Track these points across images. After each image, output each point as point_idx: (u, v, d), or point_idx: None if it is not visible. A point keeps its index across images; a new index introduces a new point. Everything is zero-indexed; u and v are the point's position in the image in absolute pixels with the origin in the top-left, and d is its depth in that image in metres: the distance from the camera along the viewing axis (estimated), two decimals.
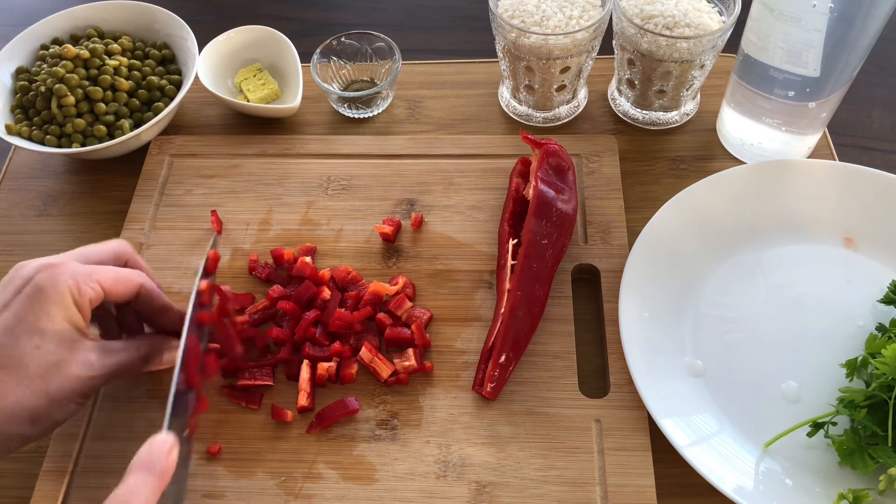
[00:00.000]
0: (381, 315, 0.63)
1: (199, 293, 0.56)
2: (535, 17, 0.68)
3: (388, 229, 0.68)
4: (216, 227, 0.70)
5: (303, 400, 0.59)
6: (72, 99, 0.72)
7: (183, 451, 0.48)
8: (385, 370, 0.60)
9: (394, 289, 0.64)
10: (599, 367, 0.63)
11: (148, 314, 0.57)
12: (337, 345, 0.61)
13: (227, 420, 0.60)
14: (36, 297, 0.48)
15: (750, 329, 0.63)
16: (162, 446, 0.46)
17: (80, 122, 0.73)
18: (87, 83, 0.74)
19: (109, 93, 0.74)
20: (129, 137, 0.72)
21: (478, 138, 0.76)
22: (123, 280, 0.53)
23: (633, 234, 0.67)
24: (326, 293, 0.64)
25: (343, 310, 0.63)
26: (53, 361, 0.48)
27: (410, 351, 0.61)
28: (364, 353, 0.61)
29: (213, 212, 0.70)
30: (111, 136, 0.74)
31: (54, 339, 0.48)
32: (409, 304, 0.64)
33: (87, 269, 0.51)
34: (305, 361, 0.61)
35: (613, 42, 0.72)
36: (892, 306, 0.61)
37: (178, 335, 0.53)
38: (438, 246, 0.69)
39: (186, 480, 0.52)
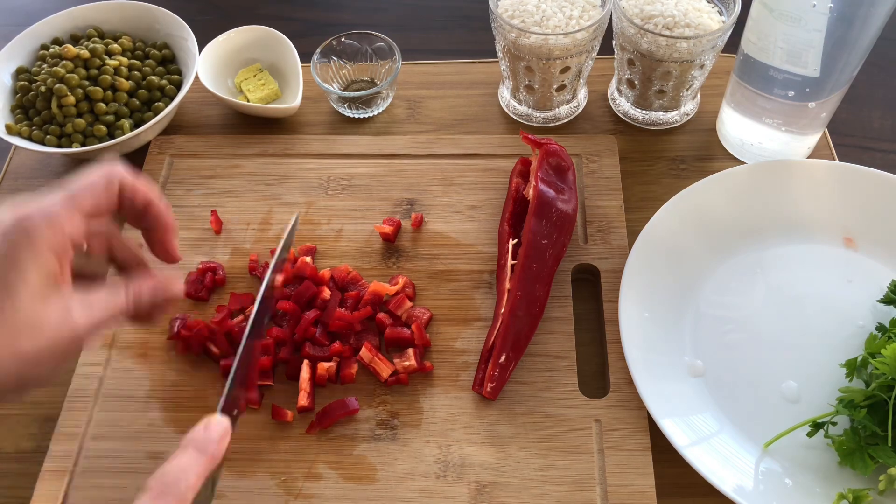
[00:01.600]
0: (381, 315, 0.63)
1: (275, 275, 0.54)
2: (535, 17, 0.68)
3: (388, 229, 0.68)
4: (215, 228, 0.70)
5: (303, 400, 0.59)
6: (72, 99, 0.72)
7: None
8: (385, 370, 0.61)
9: (394, 289, 0.64)
10: (599, 367, 0.63)
11: (133, 216, 0.49)
12: (337, 345, 0.61)
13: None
14: (7, 251, 0.42)
15: (750, 329, 0.63)
16: (217, 427, 0.44)
17: (80, 122, 0.73)
18: (87, 83, 0.74)
19: (109, 93, 0.74)
20: (129, 137, 0.72)
21: (478, 138, 0.76)
22: (96, 187, 0.46)
23: (633, 234, 0.67)
24: (326, 293, 0.64)
25: (343, 310, 0.63)
26: (28, 321, 0.42)
27: (410, 351, 0.61)
28: (364, 352, 0.61)
29: (213, 211, 0.70)
30: (111, 136, 0.74)
31: (26, 295, 0.42)
32: (409, 303, 0.64)
33: (59, 202, 0.44)
34: (305, 361, 0.61)
35: (613, 42, 0.72)
36: (892, 306, 0.61)
37: (166, 246, 0.49)
38: (438, 246, 0.69)
39: (220, 475, 0.51)
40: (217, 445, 0.44)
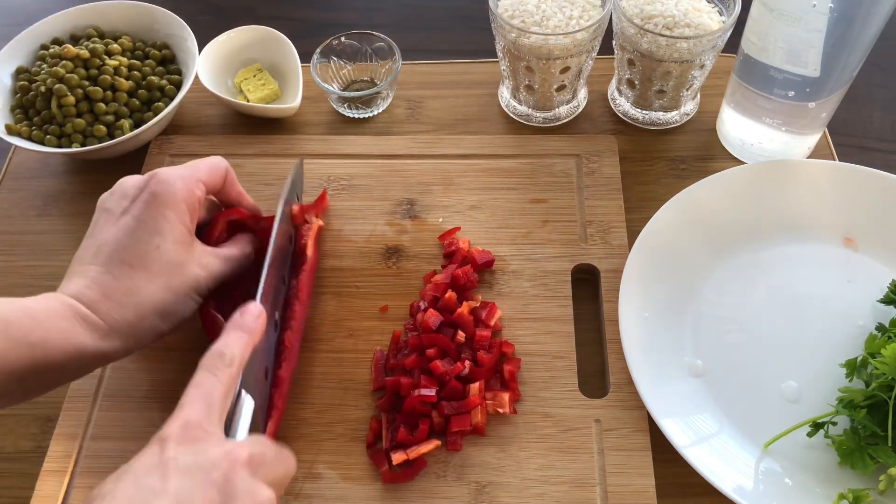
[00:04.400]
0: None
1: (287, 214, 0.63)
2: (535, 17, 0.68)
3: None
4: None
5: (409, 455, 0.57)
6: (72, 99, 0.72)
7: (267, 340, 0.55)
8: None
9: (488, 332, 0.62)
10: (599, 367, 0.63)
11: (226, 202, 0.62)
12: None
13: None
14: (152, 202, 0.53)
15: (750, 329, 0.63)
16: (253, 309, 0.50)
17: (80, 122, 0.73)
18: (87, 83, 0.74)
19: (109, 93, 0.74)
20: (129, 137, 0.72)
21: (478, 138, 0.76)
22: (215, 169, 0.59)
23: (633, 234, 0.67)
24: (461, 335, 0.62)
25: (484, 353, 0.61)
26: (175, 261, 0.53)
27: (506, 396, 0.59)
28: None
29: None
30: (111, 136, 0.74)
31: (172, 240, 0.53)
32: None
33: (190, 171, 0.56)
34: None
35: (613, 42, 0.72)
36: (892, 306, 0.61)
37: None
38: (438, 246, 0.69)
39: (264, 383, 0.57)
40: (255, 323, 0.50)
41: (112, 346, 0.51)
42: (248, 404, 0.50)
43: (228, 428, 0.47)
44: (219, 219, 0.62)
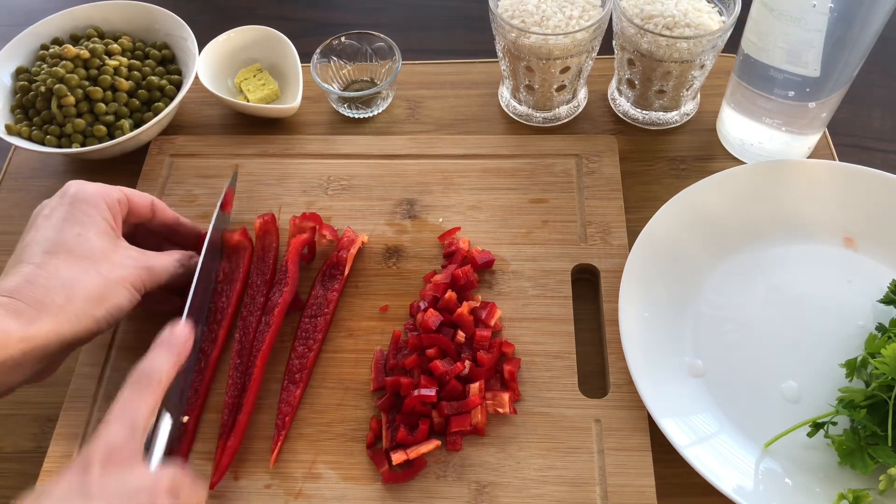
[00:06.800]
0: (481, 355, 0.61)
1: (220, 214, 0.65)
2: (535, 17, 0.68)
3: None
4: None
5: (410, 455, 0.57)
6: (72, 99, 0.72)
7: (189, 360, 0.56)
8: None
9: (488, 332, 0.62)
10: (599, 367, 0.63)
11: (165, 232, 0.65)
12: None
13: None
14: (73, 202, 0.57)
15: (750, 329, 0.63)
16: (182, 331, 0.53)
17: (80, 122, 0.73)
18: (87, 83, 0.74)
19: (109, 93, 0.74)
20: (129, 137, 0.72)
21: (478, 138, 0.76)
22: (139, 194, 0.62)
23: (633, 234, 0.67)
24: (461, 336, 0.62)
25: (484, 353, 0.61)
26: (98, 247, 0.56)
27: (506, 397, 0.59)
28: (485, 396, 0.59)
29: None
30: (111, 136, 0.74)
31: (94, 231, 0.56)
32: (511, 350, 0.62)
33: (107, 185, 0.60)
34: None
35: (613, 42, 0.72)
36: (892, 306, 0.61)
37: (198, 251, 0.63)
38: (438, 246, 0.69)
39: (187, 392, 0.60)
40: (182, 345, 0.52)
41: (41, 329, 0.51)
42: (166, 424, 0.53)
43: (147, 446, 0.50)
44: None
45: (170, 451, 0.53)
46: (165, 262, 0.60)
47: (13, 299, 0.51)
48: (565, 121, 0.78)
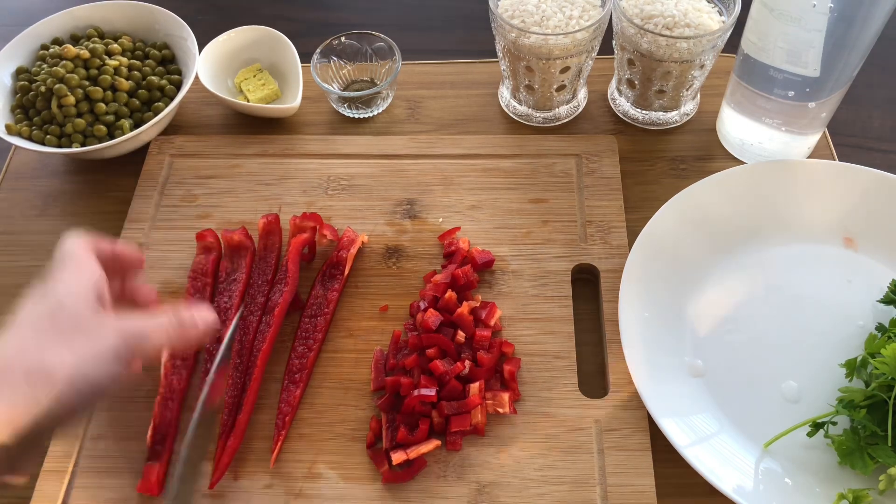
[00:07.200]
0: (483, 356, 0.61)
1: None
2: (535, 17, 0.68)
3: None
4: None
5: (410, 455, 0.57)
6: (72, 99, 0.72)
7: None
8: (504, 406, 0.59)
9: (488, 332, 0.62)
10: (599, 367, 0.63)
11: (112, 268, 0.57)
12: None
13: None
14: (58, 264, 0.52)
15: (750, 329, 0.63)
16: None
17: (80, 122, 0.73)
18: (87, 83, 0.74)
19: (109, 93, 0.74)
20: (129, 137, 0.72)
21: (478, 138, 0.76)
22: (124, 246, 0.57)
23: (633, 234, 0.67)
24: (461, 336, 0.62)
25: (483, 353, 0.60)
26: (73, 320, 0.49)
27: (505, 396, 0.59)
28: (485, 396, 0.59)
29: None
30: (111, 136, 0.74)
31: (70, 301, 0.50)
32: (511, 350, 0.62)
33: (92, 238, 0.55)
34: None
35: (613, 42, 0.72)
36: (892, 306, 0.61)
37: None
38: (438, 246, 0.69)
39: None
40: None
41: (4, 410, 0.45)
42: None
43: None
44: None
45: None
46: (150, 325, 0.52)
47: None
48: (565, 121, 0.78)
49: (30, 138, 0.73)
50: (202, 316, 0.55)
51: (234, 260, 0.67)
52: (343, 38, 0.79)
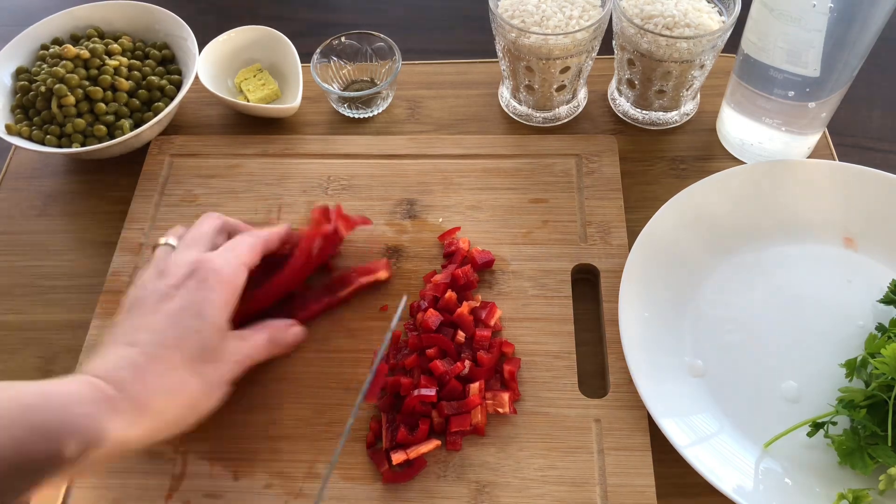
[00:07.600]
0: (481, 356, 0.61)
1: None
2: (535, 17, 0.68)
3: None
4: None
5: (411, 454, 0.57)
6: (72, 99, 0.72)
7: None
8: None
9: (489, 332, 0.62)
10: (599, 367, 0.63)
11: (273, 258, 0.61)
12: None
13: (228, 420, 0.60)
14: (199, 288, 0.52)
15: (750, 329, 0.63)
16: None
17: (80, 122, 0.73)
18: (87, 83, 0.74)
19: (109, 93, 0.74)
20: (129, 137, 0.72)
21: (478, 138, 0.76)
22: (252, 248, 0.58)
23: (632, 234, 0.67)
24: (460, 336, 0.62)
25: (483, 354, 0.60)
26: (209, 346, 0.52)
27: (506, 396, 0.59)
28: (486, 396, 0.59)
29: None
30: (111, 136, 0.74)
31: (211, 326, 0.52)
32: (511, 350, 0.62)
33: (234, 255, 0.56)
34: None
35: (613, 42, 0.72)
36: (892, 306, 0.61)
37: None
38: (438, 246, 0.69)
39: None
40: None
41: (133, 434, 0.47)
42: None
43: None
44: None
45: None
46: (259, 344, 0.56)
47: (117, 392, 0.47)
48: (565, 121, 0.78)
49: (30, 138, 0.73)
50: (294, 332, 0.60)
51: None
52: (343, 38, 0.79)
